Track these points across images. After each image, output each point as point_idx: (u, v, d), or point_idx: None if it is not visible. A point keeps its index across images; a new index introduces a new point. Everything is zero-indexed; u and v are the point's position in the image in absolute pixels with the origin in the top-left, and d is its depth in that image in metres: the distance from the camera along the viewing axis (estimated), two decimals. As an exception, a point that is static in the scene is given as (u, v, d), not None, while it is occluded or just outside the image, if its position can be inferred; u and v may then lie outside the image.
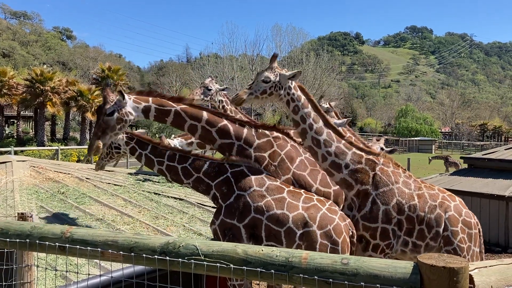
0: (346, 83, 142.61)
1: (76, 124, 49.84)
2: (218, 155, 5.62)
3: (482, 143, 67.18)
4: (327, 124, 4.96)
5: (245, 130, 5.27)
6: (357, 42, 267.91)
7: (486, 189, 13.34)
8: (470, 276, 1.87)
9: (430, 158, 35.07)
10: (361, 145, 5.16)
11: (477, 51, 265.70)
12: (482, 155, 16.35)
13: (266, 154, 5.19)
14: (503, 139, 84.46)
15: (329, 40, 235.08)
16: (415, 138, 65.40)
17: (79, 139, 41.28)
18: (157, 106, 5.10)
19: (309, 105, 4.91)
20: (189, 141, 7.61)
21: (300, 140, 5.85)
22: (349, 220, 4.88)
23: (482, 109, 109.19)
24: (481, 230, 6.40)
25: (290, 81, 4.86)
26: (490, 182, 13.93)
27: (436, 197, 5.10)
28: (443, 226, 5.00)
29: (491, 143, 64.99)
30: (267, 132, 5.37)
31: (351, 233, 4.78)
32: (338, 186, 5.32)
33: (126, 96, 4.97)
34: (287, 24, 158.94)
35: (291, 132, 5.83)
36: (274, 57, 4.97)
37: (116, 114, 4.88)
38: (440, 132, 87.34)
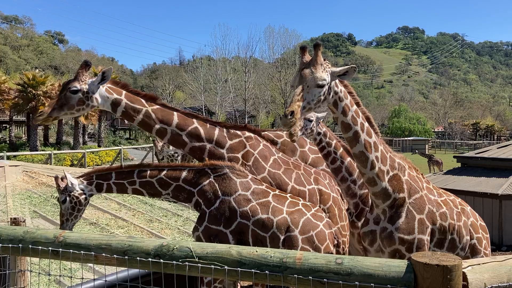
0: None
1: (69, 129, 49.54)
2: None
3: (475, 142, 67.60)
4: (370, 122, 4.23)
5: (216, 131, 5.13)
6: (349, 43, 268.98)
7: (480, 187, 13.42)
8: (464, 273, 1.88)
9: (417, 151, 35.38)
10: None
11: (468, 50, 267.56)
12: (475, 154, 16.46)
13: (239, 155, 5.09)
14: (495, 137, 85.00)
15: (322, 41, 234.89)
16: (409, 138, 65.66)
17: (72, 143, 41.07)
18: (128, 102, 4.84)
19: (353, 101, 4.07)
20: None
21: (282, 140, 5.86)
22: (335, 228, 4.77)
23: (474, 108, 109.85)
24: None
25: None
26: (483, 180, 14.02)
27: (456, 203, 4.74)
28: (470, 234, 4.67)
29: (483, 142, 65.37)
30: (238, 132, 5.26)
31: (336, 242, 4.67)
32: (313, 185, 5.24)
33: (103, 81, 4.71)
34: (279, 25, 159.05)
35: (273, 133, 5.83)
36: (318, 47, 3.81)
37: (79, 95, 4.61)
38: (433, 131, 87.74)
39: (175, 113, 5.03)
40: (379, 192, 4.26)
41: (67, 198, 4.75)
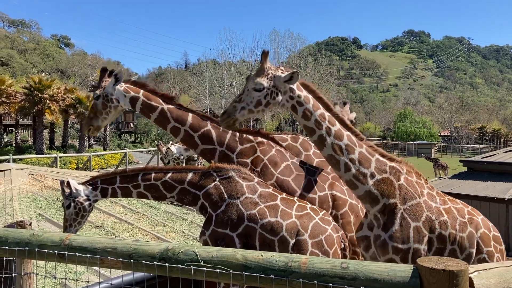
0: (344, 88, 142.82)
1: (75, 132, 49.80)
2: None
3: (481, 146, 67.25)
4: (345, 125, 4.21)
5: (228, 135, 5.16)
6: (355, 47, 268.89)
7: (486, 192, 13.35)
8: (470, 279, 1.87)
9: (423, 155, 35.21)
10: (382, 150, 4.42)
11: (474, 54, 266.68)
12: (482, 158, 16.37)
13: (248, 160, 5.10)
14: (502, 142, 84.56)
15: (327, 45, 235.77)
16: (414, 142, 65.44)
17: (77, 146, 41.26)
18: (145, 99, 5.08)
19: (321, 105, 4.12)
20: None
21: (287, 144, 5.84)
22: (342, 232, 4.73)
23: (480, 112, 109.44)
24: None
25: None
26: (490, 185, 13.94)
27: (463, 212, 4.43)
28: (475, 247, 4.34)
29: (490, 146, 65.03)
30: (251, 137, 5.27)
31: (343, 245, 4.65)
32: (326, 191, 5.19)
33: (117, 82, 5.03)
34: (284, 29, 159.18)
35: (278, 137, 5.82)
36: (265, 54, 4.13)
37: (100, 99, 5.00)
38: (439, 135, 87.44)
39: (190, 114, 5.14)
40: (363, 195, 4.19)
41: (71, 204, 4.75)
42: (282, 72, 4.06)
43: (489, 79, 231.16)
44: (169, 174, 4.78)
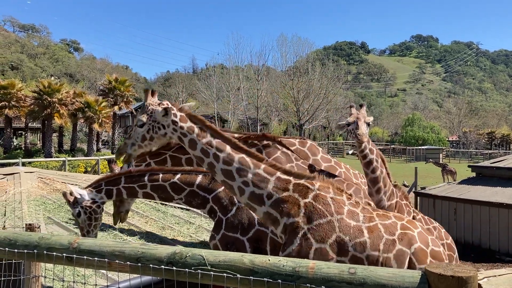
0: (352, 92, 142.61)
1: (84, 135, 50.09)
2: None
3: (490, 151, 66.68)
4: (238, 148, 4.08)
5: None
6: (362, 52, 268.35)
7: (495, 198, 13.23)
8: (479, 285, 1.86)
9: (430, 160, 34.97)
10: (288, 168, 4.22)
11: (483, 59, 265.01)
12: (491, 163, 16.25)
13: None
14: (511, 147, 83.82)
15: (335, 49, 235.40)
16: (422, 147, 65.02)
17: (86, 150, 41.46)
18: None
19: (207, 133, 4.09)
20: None
21: (295, 148, 5.86)
22: None
23: (489, 117, 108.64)
24: (453, 246, 6.11)
25: (174, 114, 4.12)
26: (499, 190, 13.82)
27: (394, 228, 4.07)
28: (406, 265, 3.99)
29: (499, 152, 64.45)
30: (256, 141, 5.33)
31: None
32: None
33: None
34: (292, 34, 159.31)
35: (286, 141, 5.83)
36: (146, 92, 4.28)
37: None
38: (448, 140, 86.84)
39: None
40: (264, 218, 4.03)
41: (80, 210, 4.72)
42: (161, 106, 4.17)
43: (498, 84, 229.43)
44: (178, 176, 4.73)
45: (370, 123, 5.57)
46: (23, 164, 17.84)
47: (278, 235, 4.05)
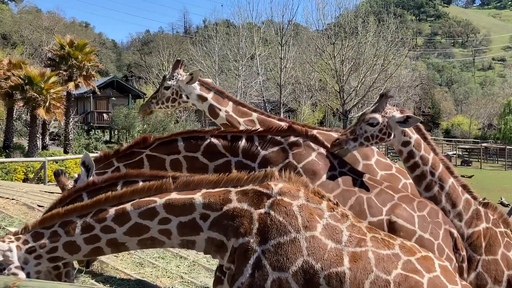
0: (424, 63, 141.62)
1: (23, 126, 50.50)
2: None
3: None
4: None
5: (243, 141, 5.36)
6: (440, 1, 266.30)
7: None
8: None
9: None
10: (240, 174, 4.26)
11: None
12: None
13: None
14: None
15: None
16: (531, 147, 64.37)
17: (26, 147, 41.59)
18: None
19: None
20: None
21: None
22: None
23: None
24: None
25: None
26: None
27: (392, 263, 3.94)
28: None
29: None
30: (278, 138, 5.41)
31: None
32: (382, 217, 5.21)
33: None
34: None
35: (324, 135, 5.83)
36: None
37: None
38: None
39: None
40: (205, 248, 4.14)
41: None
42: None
43: None
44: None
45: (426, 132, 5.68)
46: None
47: (225, 267, 4.09)
